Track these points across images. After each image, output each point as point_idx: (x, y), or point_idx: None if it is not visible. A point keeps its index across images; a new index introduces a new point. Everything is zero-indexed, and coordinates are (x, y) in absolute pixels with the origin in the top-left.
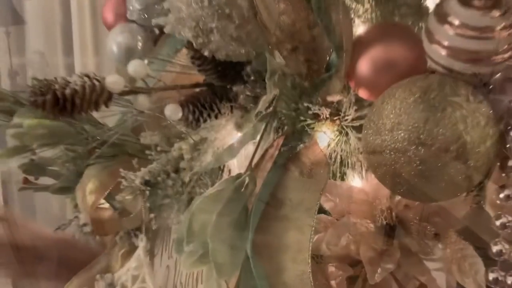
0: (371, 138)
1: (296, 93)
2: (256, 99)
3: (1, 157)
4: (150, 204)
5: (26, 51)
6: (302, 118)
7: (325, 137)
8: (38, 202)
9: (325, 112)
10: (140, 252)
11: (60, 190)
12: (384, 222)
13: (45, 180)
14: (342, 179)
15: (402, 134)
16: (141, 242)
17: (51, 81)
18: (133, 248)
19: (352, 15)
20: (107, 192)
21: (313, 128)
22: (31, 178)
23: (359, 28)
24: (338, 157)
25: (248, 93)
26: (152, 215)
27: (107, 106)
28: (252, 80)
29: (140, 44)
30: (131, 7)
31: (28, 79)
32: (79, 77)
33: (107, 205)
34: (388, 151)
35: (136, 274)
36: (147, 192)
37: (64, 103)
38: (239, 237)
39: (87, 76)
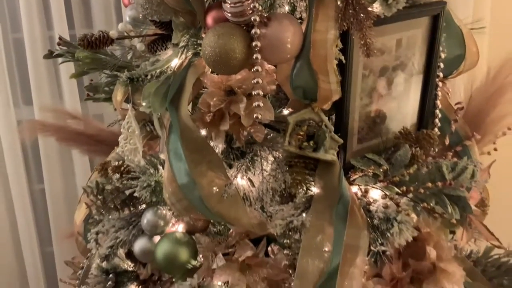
0: (203, 49)
1: (195, 35)
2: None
3: (71, 77)
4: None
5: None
6: (195, 46)
7: None
8: None
9: None
10: (130, 112)
11: (104, 99)
12: (227, 90)
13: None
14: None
15: (209, 49)
16: (130, 106)
17: (86, 34)
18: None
19: None
20: (126, 95)
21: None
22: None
23: None
24: None
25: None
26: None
27: (112, 45)
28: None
29: (141, 15)
30: None
31: None
32: (98, 32)
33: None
34: (205, 54)
35: (128, 120)
36: (128, 82)
37: (92, 44)
38: (164, 97)
39: (102, 31)
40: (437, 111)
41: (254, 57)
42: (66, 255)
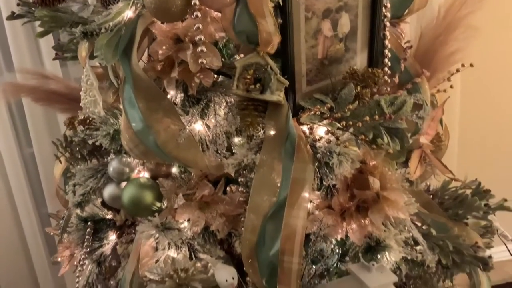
0: None
1: None
2: None
3: (37, 37)
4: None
5: None
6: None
7: None
8: None
9: None
10: (87, 65)
11: (71, 58)
12: (175, 38)
13: None
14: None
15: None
16: (87, 61)
17: None
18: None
19: None
20: (90, 52)
21: None
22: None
23: None
24: None
25: None
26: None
27: (65, 1)
28: None
29: None
30: None
31: None
32: None
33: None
34: (147, 2)
35: (86, 74)
36: (83, 36)
37: (46, 1)
38: (116, 48)
39: None
40: (386, 50)
41: (192, 3)
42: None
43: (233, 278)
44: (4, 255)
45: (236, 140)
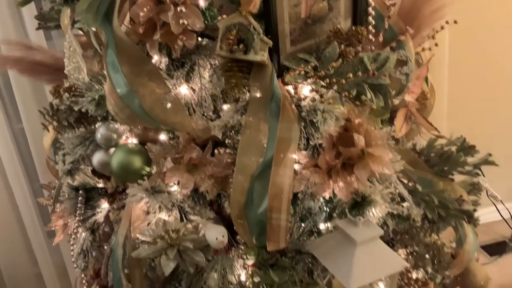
0: None
1: None
2: None
3: (18, 5)
4: None
5: None
6: None
7: None
8: None
9: None
10: (69, 32)
11: (55, 27)
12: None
13: None
14: None
15: None
16: (69, 27)
17: None
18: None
19: None
20: (72, 19)
21: None
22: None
23: None
24: None
25: None
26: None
27: None
28: None
29: None
30: None
31: None
32: None
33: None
34: None
35: (69, 40)
36: (64, 1)
37: None
38: (97, 13)
39: None
40: (370, 8)
41: None
42: None
43: (223, 236)
44: None
45: (225, 107)
